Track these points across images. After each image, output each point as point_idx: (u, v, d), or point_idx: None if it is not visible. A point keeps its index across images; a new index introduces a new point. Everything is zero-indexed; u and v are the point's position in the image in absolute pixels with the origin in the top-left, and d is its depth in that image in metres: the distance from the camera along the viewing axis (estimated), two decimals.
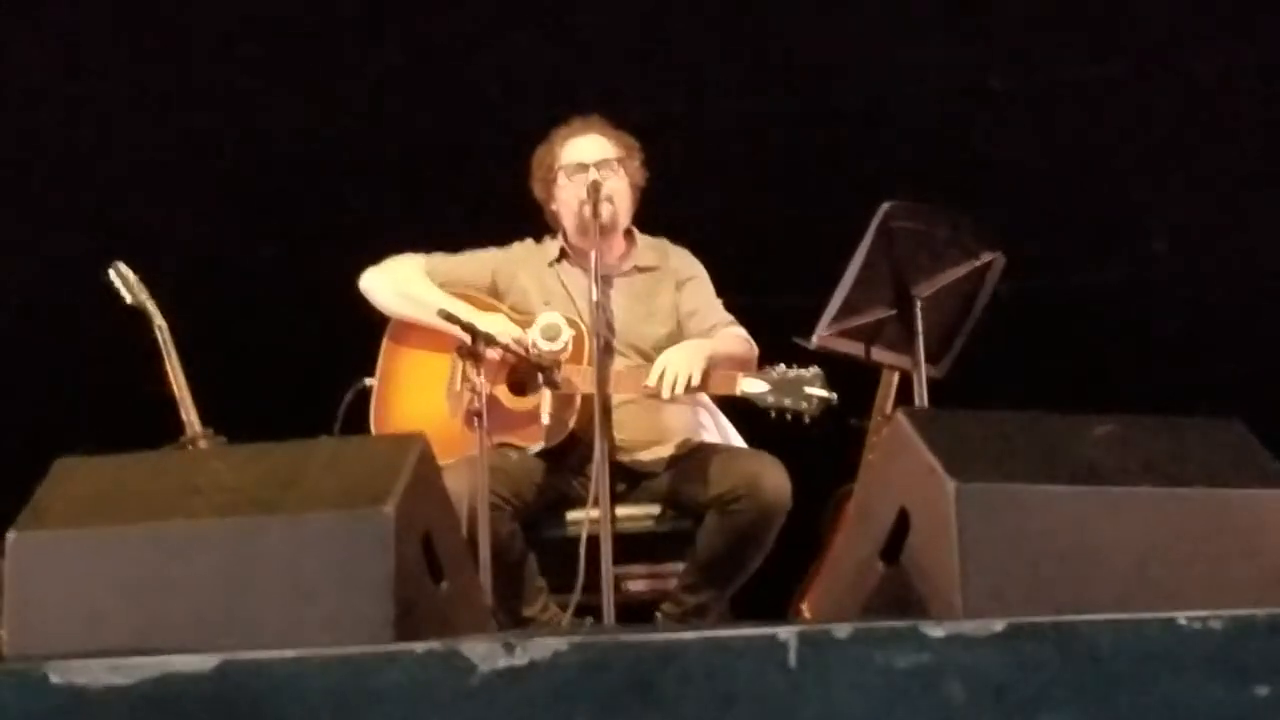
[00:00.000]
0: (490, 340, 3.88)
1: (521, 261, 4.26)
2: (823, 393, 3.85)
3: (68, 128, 5.29)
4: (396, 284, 4.20)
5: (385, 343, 4.22)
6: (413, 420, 4.08)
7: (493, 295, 4.21)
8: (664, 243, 4.32)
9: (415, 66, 5.34)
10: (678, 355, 3.94)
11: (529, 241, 4.31)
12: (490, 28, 5.32)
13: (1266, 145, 5.16)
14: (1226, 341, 5.13)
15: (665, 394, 3.88)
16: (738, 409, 4.14)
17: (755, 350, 4.11)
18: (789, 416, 3.86)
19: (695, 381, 3.90)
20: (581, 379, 3.95)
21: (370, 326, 4.22)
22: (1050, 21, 5.24)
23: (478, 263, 4.25)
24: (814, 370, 3.87)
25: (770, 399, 3.86)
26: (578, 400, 3.98)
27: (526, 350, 3.98)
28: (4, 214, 5.21)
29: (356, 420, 4.09)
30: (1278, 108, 5.15)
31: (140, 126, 5.30)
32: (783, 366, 3.89)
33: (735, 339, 4.12)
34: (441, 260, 4.24)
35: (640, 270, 4.25)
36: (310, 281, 4.97)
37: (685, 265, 4.28)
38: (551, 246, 4.26)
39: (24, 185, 5.26)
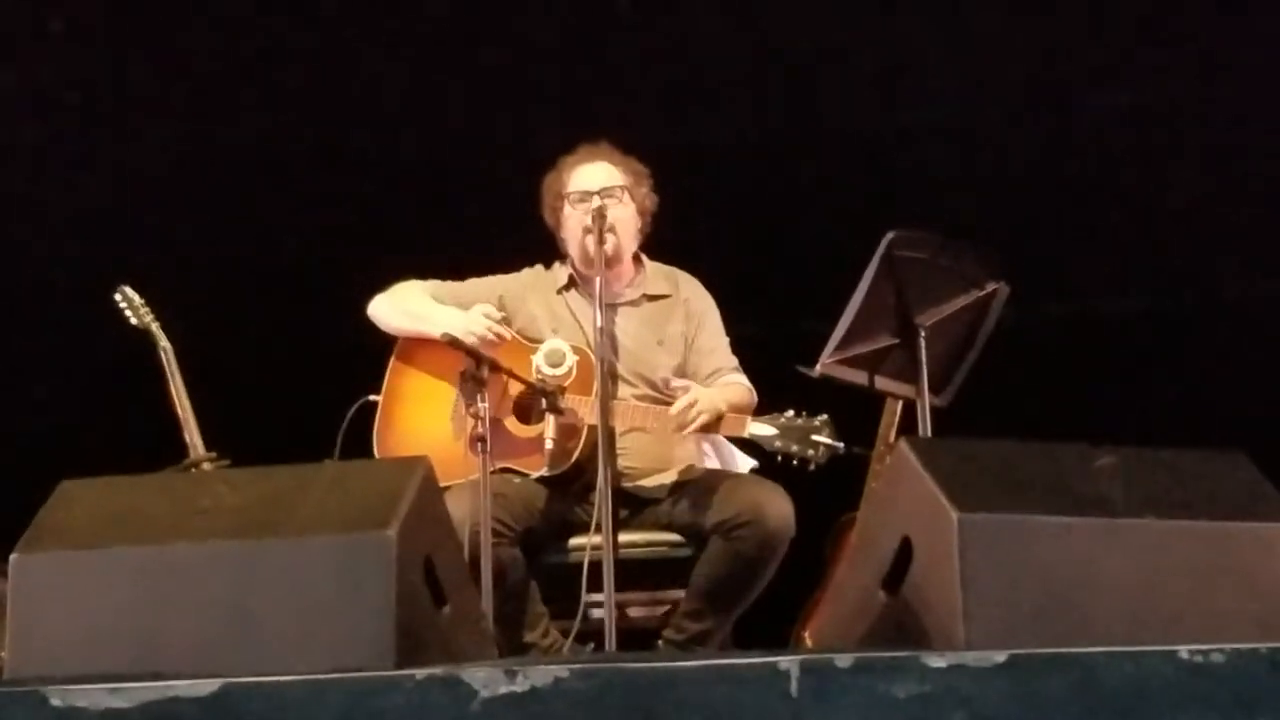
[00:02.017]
0: (494, 366, 3.89)
1: (530, 287, 4.26)
2: (830, 441, 3.86)
3: (71, 146, 5.30)
4: (400, 303, 4.21)
5: (392, 361, 4.22)
6: (416, 440, 4.08)
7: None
8: (675, 271, 4.32)
9: (422, 90, 5.36)
10: (703, 395, 3.95)
11: (538, 267, 4.31)
12: (502, 50, 5.34)
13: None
14: (1231, 373, 5.13)
15: (684, 420, 3.89)
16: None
17: (755, 401, 4.12)
18: (795, 462, 3.87)
19: (707, 421, 3.93)
20: (588, 410, 3.95)
21: (375, 351, 4.23)
22: (1055, 45, 5.26)
23: (484, 287, 4.26)
24: (823, 418, 3.89)
25: (778, 444, 3.87)
26: (583, 430, 3.98)
27: (506, 333, 3.99)
28: (8, 234, 5.22)
29: (359, 438, 4.09)
30: None
31: (144, 145, 5.31)
32: (791, 412, 3.90)
33: (740, 390, 4.13)
34: (446, 285, 4.25)
35: (650, 298, 4.25)
36: (315, 305, 4.98)
37: (697, 297, 4.28)
38: (560, 273, 4.26)
39: (26, 205, 5.27)
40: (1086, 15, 5.23)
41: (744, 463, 4.21)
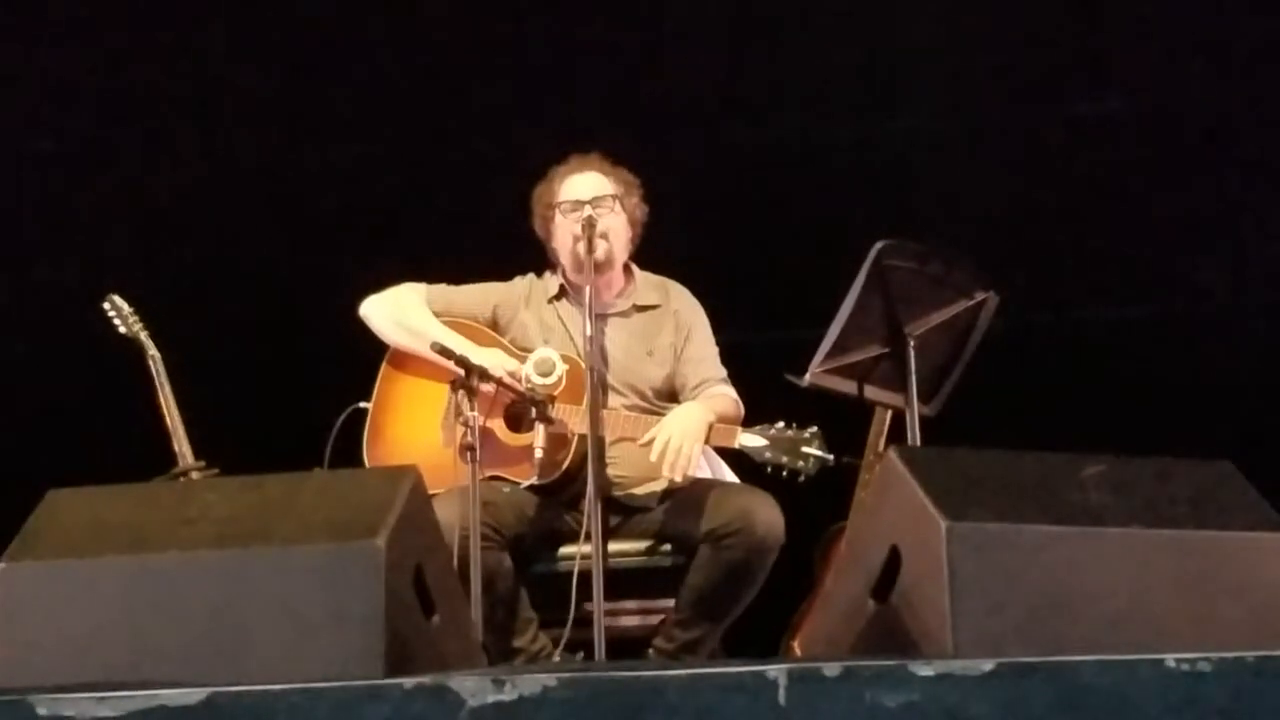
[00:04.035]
0: (484, 374, 3.89)
1: (523, 297, 4.27)
2: (820, 453, 3.87)
3: (62, 156, 5.30)
4: (395, 313, 4.21)
5: (384, 368, 4.22)
6: (406, 448, 4.08)
7: (493, 329, 4.21)
8: (666, 281, 4.32)
9: (415, 100, 5.36)
10: (678, 430, 3.91)
11: (531, 276, 4.32)
12: (490, 65, 5.35)
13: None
14: (1221, 382, 5.13)
15: (668, 473, 3.89)
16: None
17: (742, 412, 4.11)
18: (785, 473, 3.87)
19: (697, 457, 3.92)
20: (577, 420, 3.95)
21: (366, 360, 4.23)
22: (1049, 55, 5.27)
23: (480, 295, 4.26)
24: (813, 430, 3.89)
25: (768, 455, 3.88)
26: (573, 439, 3.98)
27: (519, 383, 3.99)
28: None
29: (349, 446, 4.09)
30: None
31: (135, 155, 5.31)
32: (781, 424, 3.90)
33: (727, 401, 4.10)
34: (442, 291, 4.25)
35: (640, 309, 4.25)
36: (305, 312, 4.98)
37: (687, 307, 4.27)
38: (551, 283, 4.26)
39: (17, 215, 5.26)
40: (1080, 19, 5.24)
41: (729, 477, 4.21)
